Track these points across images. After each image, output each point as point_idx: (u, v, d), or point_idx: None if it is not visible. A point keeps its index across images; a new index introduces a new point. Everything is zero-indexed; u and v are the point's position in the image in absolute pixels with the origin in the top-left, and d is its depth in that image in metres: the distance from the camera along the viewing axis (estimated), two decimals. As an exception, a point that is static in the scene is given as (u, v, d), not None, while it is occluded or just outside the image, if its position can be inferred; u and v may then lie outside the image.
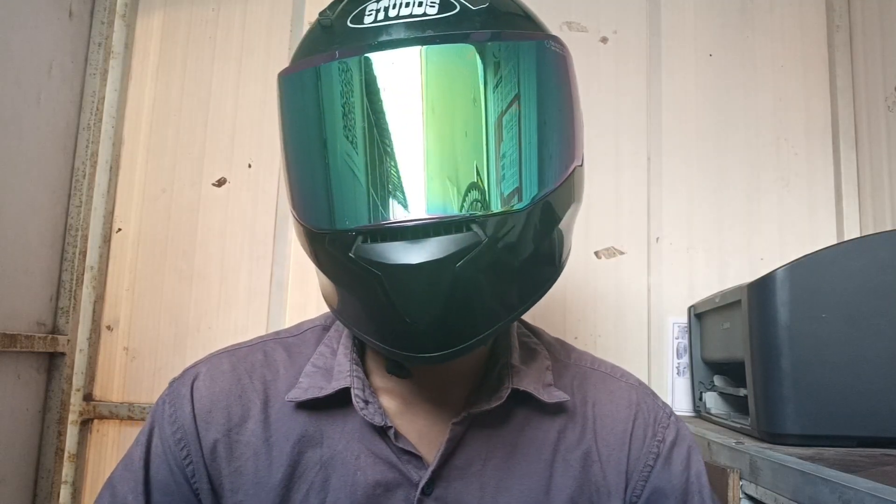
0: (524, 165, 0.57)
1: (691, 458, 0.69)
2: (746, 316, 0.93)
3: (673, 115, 1.45)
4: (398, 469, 0.63)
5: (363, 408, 0.63)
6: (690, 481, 0.68)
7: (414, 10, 0.57)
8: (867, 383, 0.83)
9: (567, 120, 0.62)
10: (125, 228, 1.51)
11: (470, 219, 0.54)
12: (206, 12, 1.56)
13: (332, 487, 0.63)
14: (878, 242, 0.88)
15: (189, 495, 0.64)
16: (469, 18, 0.57)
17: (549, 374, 0.69)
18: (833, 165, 1.40)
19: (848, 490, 0.58)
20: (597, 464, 0.66)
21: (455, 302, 0.54)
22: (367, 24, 0.57)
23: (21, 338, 1.27)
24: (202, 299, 1.47)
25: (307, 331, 0.73)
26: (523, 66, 0.58)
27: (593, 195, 1.43)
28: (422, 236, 0.53)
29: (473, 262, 0.54)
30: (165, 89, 1.55)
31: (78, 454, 1.42)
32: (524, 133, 0.57)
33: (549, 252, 0.62)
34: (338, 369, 0.66)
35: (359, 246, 0.55)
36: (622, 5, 1.49)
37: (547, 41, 0.61)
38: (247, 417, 0.65)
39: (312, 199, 0.60)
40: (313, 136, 0.59)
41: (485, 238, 0.54)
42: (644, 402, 0.71)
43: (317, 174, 0.59)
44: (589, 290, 1.41)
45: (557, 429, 0.67)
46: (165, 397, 0.67)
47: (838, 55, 1.40)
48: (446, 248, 0.53)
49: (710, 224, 1.41)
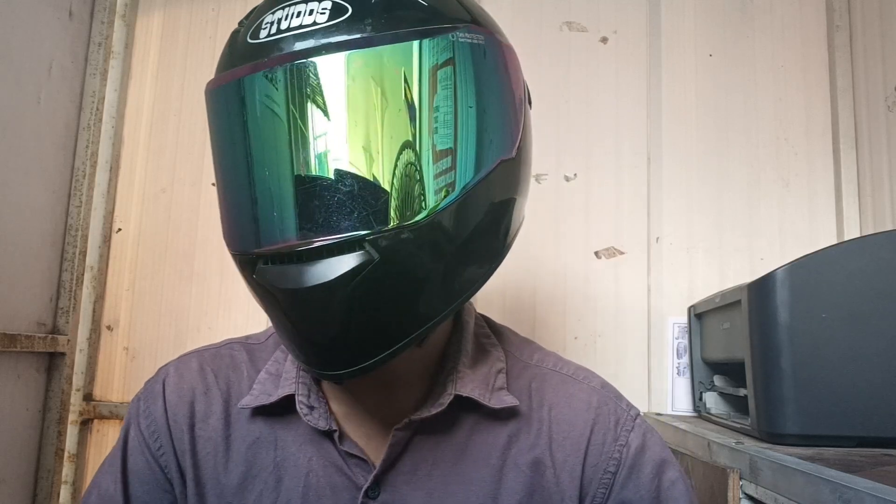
0: (424, 176, 0.54)
1: (663, 466, 0.65)
2: (746, 316, 0.93)
3: (673, 115, 1.45)
4: (344, 472, 0.63)
5: (307, 413, 0.64)
6: (662, 490, 0.64)
7: (304, 19, 0.54)
8: (867, 383, 0.83)
9: (484, 114, 0.58)
10: (125, 228, 1.51)
11: (360, 238, 0.52)
12: (206, 12, 1.56)
13: (285, 488, 0.64)
14: (878, 242, 0.88)
15: (165, 484, 0.66)
16: (360, 20, 0.54)
17: (500, 377, 0.67)
18: (833, 165, 1.40)
19: (848, 490, 0.58)
20: (549, 469, 0.64)
21: (353, 322, 0.54)
22: (262, 38, 0.56)
23: (21, 338, 1.27)
24: (202, 299, 1.47)
25: (270, 336, 0.74)
26: (422, 66, 0.54)
27: (593, 195, 1.43)
28: (315, 258, 0.52)
29: (366, 281, 0.52)
30: (165, 89, 1.55)
31: (78, 454, 1.42)
32: (420, 140, 0.54)
33: (469, 255, 0.59)
34: (285, 375, 0.67)
35: (259, 268, 0.55)
36: (622, 5, 1.49)
37: (453, 33, 0.56)
38: (209, 414, 0.67)
39: (225, 219, 0.60)
40: (219, 158, 0.60)
41: (376, 257, 0.52)
42: (605, 405, 0.67)
43: (224, 195, 0.60)
44: (589, 290, 1.41)
45: (508, 433, 0.65)
46: (140, 395, 0.70)
47: (838, 55, 1.40)
48: (337, 270, 0.52)
49: (710, 224, 1.41)
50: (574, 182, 1.43)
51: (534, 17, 1.50)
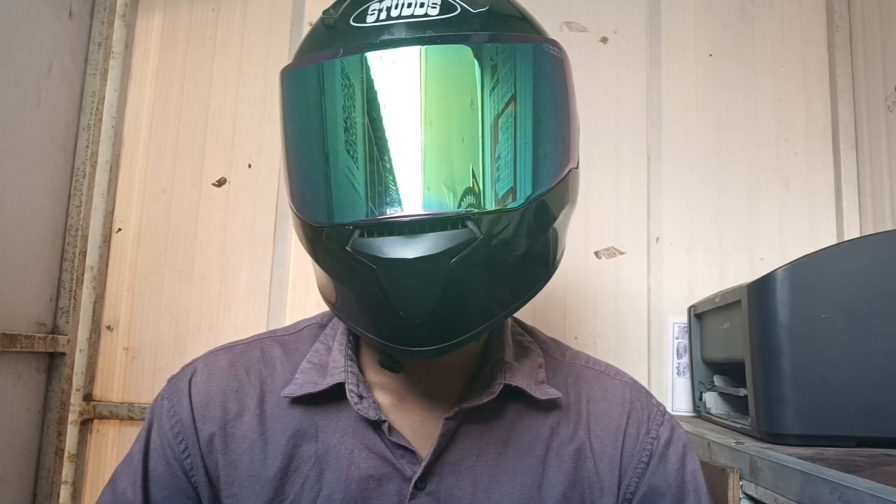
0: (519, 166, 0.58)
1: (686, 457, 0.69)
2: (746, 316, 0.93)
3: (673, 115, 1.45)
4: (391, 463, 0.64)
5: (357, 402, 0.64)
6: (686, 480, 0.68)
7: (415, 10, 0.58)
8: (867, 383, 0.83)
9: (562, 122, 0.63)
10: (125, 228, 1.51)
11: (465, 216, 0.55)
12: (206, 12, 1.56)
13: (327, 481, 0.63)
14: (878, 242, 0.88)
15: (187, 488, 0.65)
16: (469, 20, 0.58)
17: (541, 372, 0.70)
18: (833, 165, 1.40)
19: (848, 490, 0.58)
20: (590, 460, 0.67)
21: (449, 297, 0.55)
22: (370, 23, 0.58)
23: (21, 338, 1.27)
24: (202, 299, 1.47)
25: (304, 329, 0.74)
26: (520, 69, 0.59)
27: (593, 195, 1.43)
28: (418, 231, 0.54)
29: (468, 258, 0.55)
30: (165, 89, 1.55)
31: (78, 454, 1.42)
32: (519, 134, 0.58)
33: (542, 251, 0.63)
34: (332, 365, 0.67)
35: (355, 240, 0.56)
36: (622, 5, 1.49)
37: (545, 44, 0.62)
38: (243, 412, 0.66)
39: (311, 193, 0.60)
40: (314, 132, 0.60)
41: (479, 235, 0.55)
42: (638, 399, 0.72)
43: (316, 169, 0.60)
44: (589, 290, 1.41)
45: (550, 425, 0.68)
46: (164, 393, 0.68)
47: (838, 55, 1.40)
48: (442, 244, 0.54)
49: (710, 224, 1.41)
50: (574, 182, 1.43)
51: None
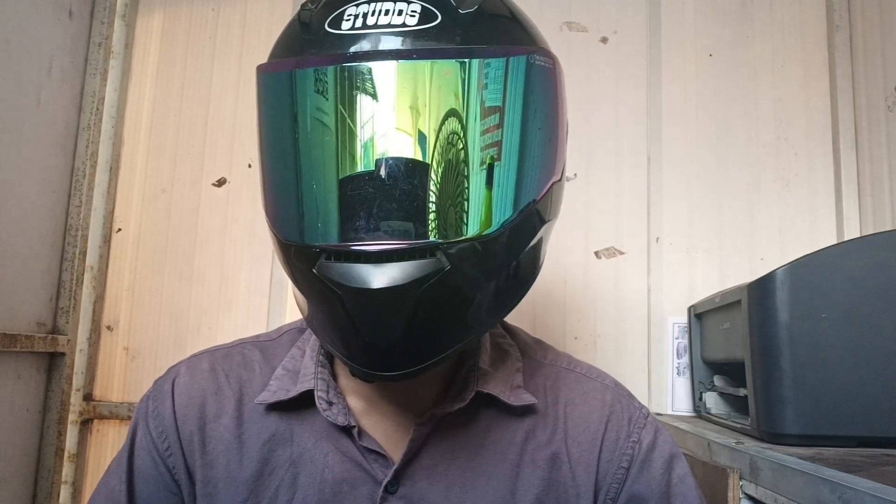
0: (495, 191, 0.56)
1: (673, 461, 0.67)
2: (746, 316, 0.93)
3: (673, 115, 1.45)
4: (363, 467, 0.64)
5: (326, 409, 0.64)
6: (672, 485, 0.66)
7: (393, 18, 0.55)
8: (867, 383, 0.83)
9: (547, 138, 0.60)
10: (125, 228, 1.51)
11: (434, 245, 0.53)
12: (206, 12, 1.56)
13: (301, 484, 0.64)
14: (878, 242, 0.88)
15: (170, 484, 0.67)
16: (449, 30, 0.55)
17: (518, 376, 0.69)
18: (833, 165, 1.40)
19: (848, 490, 0.58)
20: (566, 464, 0.66)
21: (416, 326, 0.54)
22: (345, 30, 0.55)
23: (21, 338, 1.27)
24: (202, 299, 1.47)
25: (284, 333, 0.75)
26: (501, 87, 0.56)
27: (593, 195, 1.43)
28: (385, 260, 0.52)
29: (434, 288, 0.53)
30: (165, 89, 1.55)
31: (78, 454, 1.42)
32: (498, 158, 0.56)
33: (517, 272, 0.62)
34: (304, 372, 0.67)
35: (322, 263, 0.54)
36: (622, 5, 1.49)
37: (532, 55, 0.58)
38: (221, 414, 0.67)
39: (283, 209, 0.60)
40: (285, 145, 0.58)
41: (447, 265, 0.53)
42: (619, 402, 0.70)
43: (287, 185, 0.58)
44: (589, 290, 1.41)
45: (525, 429, 0.67)
46: (149, 394, 0.70)
47: (838, 55, 1.40)
48: (409, 274, 0.52)
49: (710, 224, 1.41)
50: (574, 182, 1.43)
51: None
